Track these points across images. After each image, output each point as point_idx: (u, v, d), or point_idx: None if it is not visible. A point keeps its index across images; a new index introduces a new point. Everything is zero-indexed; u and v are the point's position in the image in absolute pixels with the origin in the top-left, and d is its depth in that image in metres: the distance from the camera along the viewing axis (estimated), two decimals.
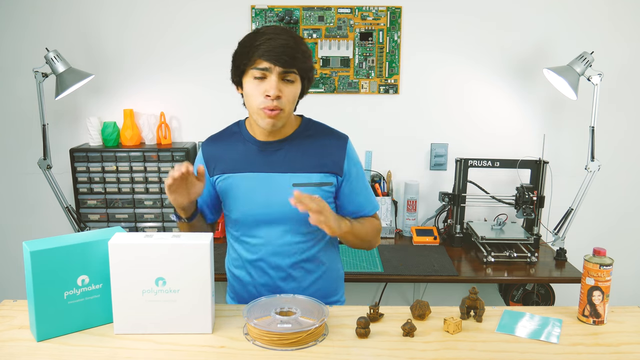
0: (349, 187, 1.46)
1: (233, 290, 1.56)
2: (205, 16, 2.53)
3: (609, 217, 2.72)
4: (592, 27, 2.52)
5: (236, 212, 1.44)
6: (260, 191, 1.41)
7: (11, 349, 1.18)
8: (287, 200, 1.34)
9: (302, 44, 1.34)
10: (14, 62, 2.57)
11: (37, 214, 2.72)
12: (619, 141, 2.64)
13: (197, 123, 2.64)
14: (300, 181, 1.40)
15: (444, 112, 2.62)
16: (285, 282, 1.46)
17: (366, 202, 1.50)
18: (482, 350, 1.19)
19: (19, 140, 2.66)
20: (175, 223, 1.47)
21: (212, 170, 1.47)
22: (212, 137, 1.51)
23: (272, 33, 1.31)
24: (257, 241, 1.44)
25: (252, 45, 1.31)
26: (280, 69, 1.30)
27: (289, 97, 1.34)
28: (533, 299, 2.36)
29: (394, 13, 2.53)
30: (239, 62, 1.36)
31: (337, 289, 1.58)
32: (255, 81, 1.33)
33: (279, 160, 1.41)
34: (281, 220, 1.41)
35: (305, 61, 1.34)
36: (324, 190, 1.42)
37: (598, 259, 1.30)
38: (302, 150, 1.42)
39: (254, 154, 1.43)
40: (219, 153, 1.46)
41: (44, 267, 1.18)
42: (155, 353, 1.17)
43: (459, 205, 2.44)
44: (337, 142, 1.45)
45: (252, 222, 1.43)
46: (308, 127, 1.47)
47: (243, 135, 1.46)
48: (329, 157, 1.43)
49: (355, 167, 1.47)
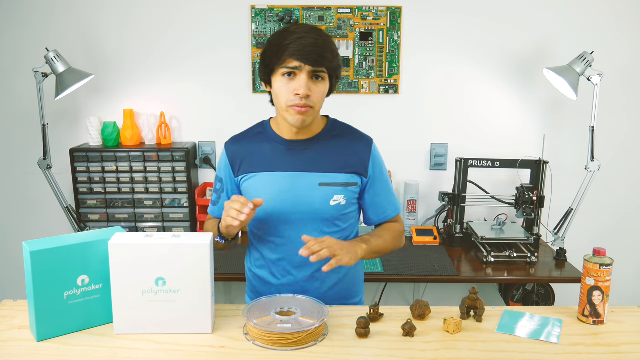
0: (373, 189, 1.47)
1: (254, 290, 1.55)
2: (205, 16, 2.53)
3: (609, 217, 2.72)
4: (592, 27, 2.52)
5: (261, 211, 1.42)
6: (288, 190, 1.41)
7: (11, 349, 1.18)
8: (314, 200, 1.37)
9: (331, 42, 1.35)
10: (14, 62, 2.57)
11: (37, 214, 2.72)
12: (619, 141, 2.64)
13: (197, 123, 2.64)
14: (326, 181, 1.41)
15: (444, 112, 2.62)
16: (309, 282, 1.46)
17: (389, 204, 1.52)
18: (482, 350, 1.19)
19: (19, 141, 2.66)
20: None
21: (237, 170, 1.47)
22: (235, 137, 1.52)
23: (302, 32, 1.31)
24: (282, 241, 1.44)
25: (282, 45, 1.31)
26: (310, 68, 1.30)
27: (318, 95, 1.34)
28: (533, 299, 2.35)
29: (394, 13, 2.53)
30: (268, 61, 1.36)
31: (358, 291, 1.58)
32: (284, 79, 1.33)
33: (306, 160, 1.42)
34: (307, 219, 1.42)
35: (334, 60, 1.35)
36: (349, 190, 1.43)
37: (598, 259, 1.30)
38: (329, 150, 1.43)
39: (281, 153, 1.43)
40: (244, 152, 1.46)
41: (44, 267, 1.18)
42: (155, 353, 1.17)
43: (459, 205, 2.44)
44: (363, 143, 1.46)
45: (278, 221, 1.43)
46: (334, 128, 1.48)
47: (268, 135, 1.46)
48: (355, 158, 1.44)
49: (379, 169, 1.48)
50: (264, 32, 2.54)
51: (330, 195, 1.40)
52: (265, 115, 2.77)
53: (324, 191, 1.40)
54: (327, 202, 1.40)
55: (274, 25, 2.53)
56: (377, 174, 1.47)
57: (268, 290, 1.49)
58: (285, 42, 1.30)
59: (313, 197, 1.39)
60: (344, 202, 1.42)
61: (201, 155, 2.66)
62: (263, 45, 2.53)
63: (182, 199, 2.50)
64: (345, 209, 1.44)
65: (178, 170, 2.47)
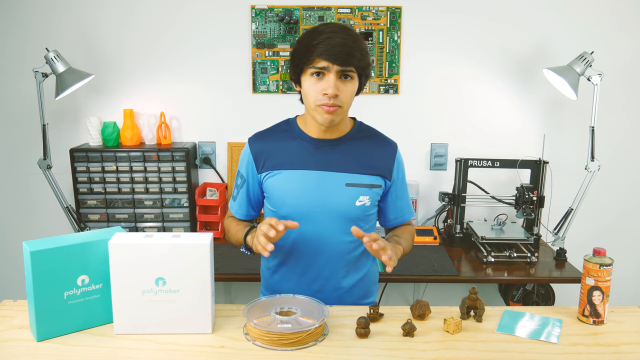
0: (394, 192, 1.50)
1: (269, 287, 1.55)
2: (205, 16, 2.53)
3: (609, 217, 2.72)
4: (592, 27, 2.52)
5: (286, 207, 1.43)
6: (314, 188, 1.41)
7: (11, 349, 1.18)
8: (340, 199, 1.39)
9: (360, 41, 1.35)
10: (14, 62, 2.57)
11: (37, 214, 2.72)
12: (619, 141, 2.64)
13: (197, 123, 2.64)
14: (352, 181, 1.42)
15: (444, 112, 2.62)
16: (329, 280, 1.47)
17: (407, 208, 1.56)
18: (482, 350, 1.19)
19: (19, 141, 2.66)
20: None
21: (261, 167, 1.46)
22: (260, 134, 1.51)
23: (330, 32, 1.31)
24: (304, 238, 1.44)
25: (311, 45, 1.31)
26: (338, 68, 1.31)
27: (346, 95, 1.35)
28: (533, 299, 2.35)
29: (394, 13, 2.53)
30: (297, 60, 1.36)
31: (374, 291, 1.60)
32: (313, 79, 1.33)
33: (333, 159, 1.43)
34: (332, 218, 1.42)
35: (363, 59, 1.34)
36: (374, 192, 1.44)
37: (598, 259, 1.30)
38: (356, 152, 1.44)
39: (308, 152, 1.43)
40: (269, 149, 1.46)
41: (44, 267, 1.18)
42: (155, 353, 1.17)
43: (459, 205, 2.44)
44: (389, 147, 1.49)
45: (302, 219, 1.41)
46: (361, 130, 1.49)
47: (295, 133, 1.46)
48: (381, 160, 1.46)
49: (401, 174, 1.52)
50: (264, 32, 2.54)
51: (356, 195, 1.42)
52: (265, 115, 2.77)
53: (350, 191, 1.41)
54: (353, 203, 1.41)
55: (274, 25, 2.53)
56: (400, 178, 1.51)
57: (285, 287, 1.49)
58: (314, 41, 1.31)
59: (340, 196, 1.41)
60: (369, 203, 1.43)
61: (201, 155, 2.66)
62: (263, 45, 2.55)
63: (182, 199, 2.50)
64: (368, 210, 1.45)
65: (178, 170, 2.47)
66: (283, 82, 2.59)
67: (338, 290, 1.48)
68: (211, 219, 2.52)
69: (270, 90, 2.60)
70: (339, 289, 1.48)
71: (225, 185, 2.64)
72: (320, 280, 1.47)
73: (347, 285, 1.49)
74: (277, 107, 2.61)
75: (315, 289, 1.47)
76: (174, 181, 2.48)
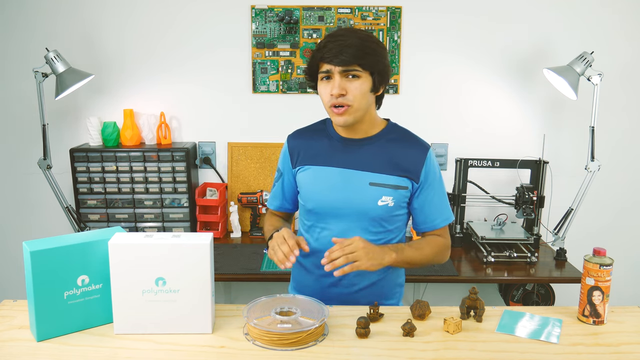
0: (423, 196, 1.47)
1: (296, 280, 1.59)
2: (205, 17, 2.53)
3: (609, 217, 2.72)
4: (592, 27, 2.52)
5: (311, 202, 1.47)
6: (338, 186, 1.44)
7: (11, 349, 1.18)
8: (362, 198, 1.41)
9: (370, 41, 1.36)
10: (15, 62, 2.57)
11: (37, 214, 2.72)
12: (619, 141, 2.64)
13: (197, 123, 2.64)
14: (376, 181, 1.42)
15: (444, 112, 2.62)
16: (347, 277, 1.46)
17: (437, 214, 1.49)
18: (482, 350, 1.19)
19: (19, 141, 2.66)
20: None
21: (295, 162, 1.52)
22: (298, 131, 1.56)
23: (338, 35, 1.35)
24: (328, 233, 1.47)
25: (318, 50, 1.37)
26: (340, 68, 1.33)
27: (355, 93, 1.36)
28: (533, 299, 2.36)
29: (394, 13, 2.53)
30: (309, 69, 1.43)
31: (394, 293, 1.57)
32: (323, 82, 1.39)
33: (358, 158, 1.44)
34: (355, 216, 1.44)
35: (366, 57, 1.35)
36: (399, 193, 1.43)
37: (598, 259, 1.30)
38: (383, 152, 1.45)
39: (337, 150, 1.47)
40: (303, 145, 1.51)
41: (44, 267, 1.18)
42: (155, 353, 1.17)
43: (459, 205, 2.44)
44: (419, 149, 1.46)
45: (327, 214, 1.46)
46: (392, 131, 1.49)
47: (328, 132, 1.50)
48: (408, 162, 1.44)
49: (433, 177, 1.47)
50: (264, 32, 2.54)
51: (379, 195, 1.42)
52: (265, 115, 2.76)
53: (373, 191, 1.42)
54: (375, 202, 1.42)
55: (274, 25, 2.53)
56: (430, 182, 1.46)
57: (309, 279, 1.52)
58: (320, 46, 1.37)
59: (362, 195, 1.42)
60: (392, 203, 1.43)
61: (201, 155, 2.66)
62: (263, 45, 2.55)
63: (182, 199, 2.50)
64: (393, 211, 1.44)
65: (178, 170, 2.47)
66: (283, 82, 2.59)
67: (353, 287, 1.48)
68: (211, 219, 2.52)
69: (270, 90, 2.60)
70: (354, 287, 1.48)
71: (225, 185, 2.64)
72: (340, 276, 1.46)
73: (363, 284, 1.49)
74: (277, 107, 2.61)
75: (332, 283, 1.47)
76: (174, 181, 2.48)
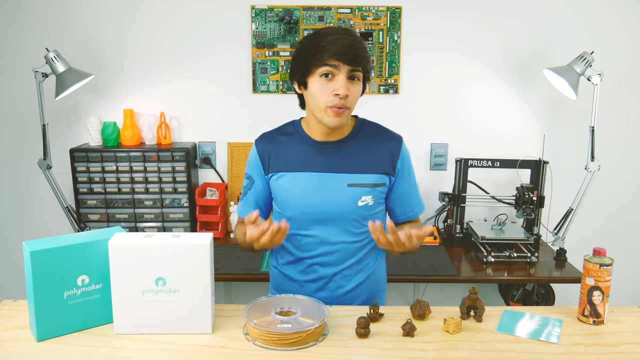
0: (400, 188, 1.49)
1: (277, 287, 1.57)
2: (205, 16, 2.53)
3: (609, 217, 2.72)
4: (593, 27, 2.52)
5: (292, 210, 1.45)
6: (316, 190, 1.42)
7: (11, 349, 1.18)
8: (342, 200, 1.40)
9: (364, 44, 1.37)
10: (15, 62, 2.57)
11: (37, 214, 2.72)
12: (619, 141, 2.64)
13: (197, 123, 2.64)
14: (355, 181, 1.42)
15: (444, 112, 2.62)
16: (334, 280, 1.47)
17: (415, 203, 1.54)
18: (482, 350, 1.19)
19: (19, 141, 2.66)
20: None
21: (268, 168, 1.48)
22: (266, 134, 1.52)
23: (337, 34, 1.33)
24: (310, 239, 1.46)
25: (319, 46, 1.32)
26: (349, 68, 1.32)
27: (355, 96, 1.36)
28: (533, 299, 2.36)
29: (394, 13, 2.53)
30: (305, 62, 1.35)
31: (381, 291, 1.59)
32: (322, 80, 1.33)
33: (335, 161, 1.43)
34: (336, 219, 1.43)
35: (368, 61, 1.37)
36: (377, 190, 1.44)
37: (598, 259, 1.30)
38: (358, 151, 1.44)
39: (311, 154, 1.44)
40: (274, 150, 1.47)
41: (44, 267, 1.18)
42: (155, 353, 1.17)
43: (459, 205, 2.44)
44: (393, 142, 1.47)
45: (307, 221, 1.44)
46: (363, 127, 1.49)
47: (300, 136, 1.47)
48: (384, 157, 1.45)
49: (407, 168, 1.49)
50: (264, 32, 2.54)
51: (358, 196, 1.42)
52: (265, 115, 2.76)
53: (352, 192, 1.42)
54: (355, 203, 1.42)
55: (274, 25, 2.53)
56: (405, 172, 1.49)
57: (292, 287, 1.51)
58: (322, 43, 1.32)
59: (341, 197, 1.41)
60: (372, 202, 1.44)
61: (201, 155, 2.66)
62: (263, 45, 2.55)
63: (182, 199, 2.50)
64: (373, 209, 1.45)
65: (178, 170, 2.47)
66: (283, 82, 2.59)
67: (340, 290, 1.48)
68: (211, 219, 2.52)
69: (270, 90, 2.60)
70: (342, 289, 1.48)
71: (225, 185, 2.64)
72: (323, 279, 1.48)
73: (351, 286, 1.49)
74: (277, 107, 2.61)
75: (318, 288, 1.48)
76: (174, 181, 2.48)
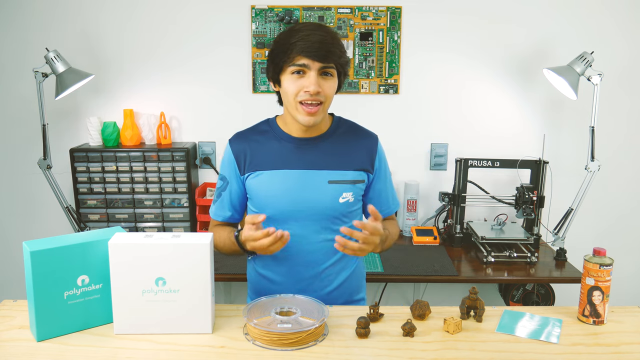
0: (378, 185, 1.50)
1: (256, 290, 1.54)
2: (205, 16, 2.53)
3: (609, 217, 2.72)
4: (592, 27, 2.52)
5: (270, 208, 1.42)
6: (296, 188, 1.41)
7: (11, 349, 1.18)
8: (323, 197, 1.39)
9: (338, 39, 1.35)
10: (14, 62, 2.57)
11: (37, 214, 2.72)
12: (619, 141, 2.64)
13: (197, 123, 2.64)
14: (335, 178, 1.42)
15: (444, 112, 2.62)
16: (315, 281, 1.46)
17: (392, 199, 1.56)
18: (482, 350, 1.19)
19: (19, 141, 2.66)
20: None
21: (243, 168, 1.45)
22: (240, 134, 1.51)
23: (309, 29, 1.31)
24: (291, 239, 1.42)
25: (289, 43, 1.30)
26: (319, 65, 1.31)
27: (327, 92, 1.35)
28: (533, 299, 2.35)
29: (394, 13, 2.53)
30: (277, 59, 1.35)
31: (361, 288, 1.59)
32: (293, 77, 1.33)
33: (314, 158, 1.42)
34: (316, 217, 1.42)
35: (342, 56, 1.35)
36: (357, 187, 1.44)
37: (598, 259, 1.30)
38: (337, 148, 1.44)
39: (289, 151, 1.43)
40: (250, 150, 1.45)
41: (44, 267, 1.18)
42: (155, 353, 1.17)
43: (459, 205, 2.44)
44: (369, 140, 1.49)
45: (286, 219, 1.42)
46: (340, 125, 1.49)
47: (276, 133, 1.46)
48: (362, 155, 1.46)
49: (384, 165, 1.51)
50: (264, 32, 2.54)
51: (339, 192, 1.41)
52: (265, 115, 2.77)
53: (333, 189, 1.41)
54: (336, 200, 1.41)
55: (274, 25, 2.53)
56: (382, 170, 1.50)
57: (273, 289, 1.48)
58: (292, 39, 1.30)
59: (322, 194, 1.40)
60: (352, 199, 1.44)
61: (201, 155, 2.66)
62: (263, 45, 2.55)
63: (182, 199, 2.50)
64: (352, 206, 1.45)
65: (178, 170, 2.47)
66: None
67: (324, 290, 1.47)
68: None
69: (270, 90, 2.60)
70: (326, 289, 1.47)
71: None
72: (306, 280, 1.46)
73: (334, 284, 1.48)
74: (277, 107, 2.60)
75: (301, 288, 1.45)
76: (174, 181, 2.48)
